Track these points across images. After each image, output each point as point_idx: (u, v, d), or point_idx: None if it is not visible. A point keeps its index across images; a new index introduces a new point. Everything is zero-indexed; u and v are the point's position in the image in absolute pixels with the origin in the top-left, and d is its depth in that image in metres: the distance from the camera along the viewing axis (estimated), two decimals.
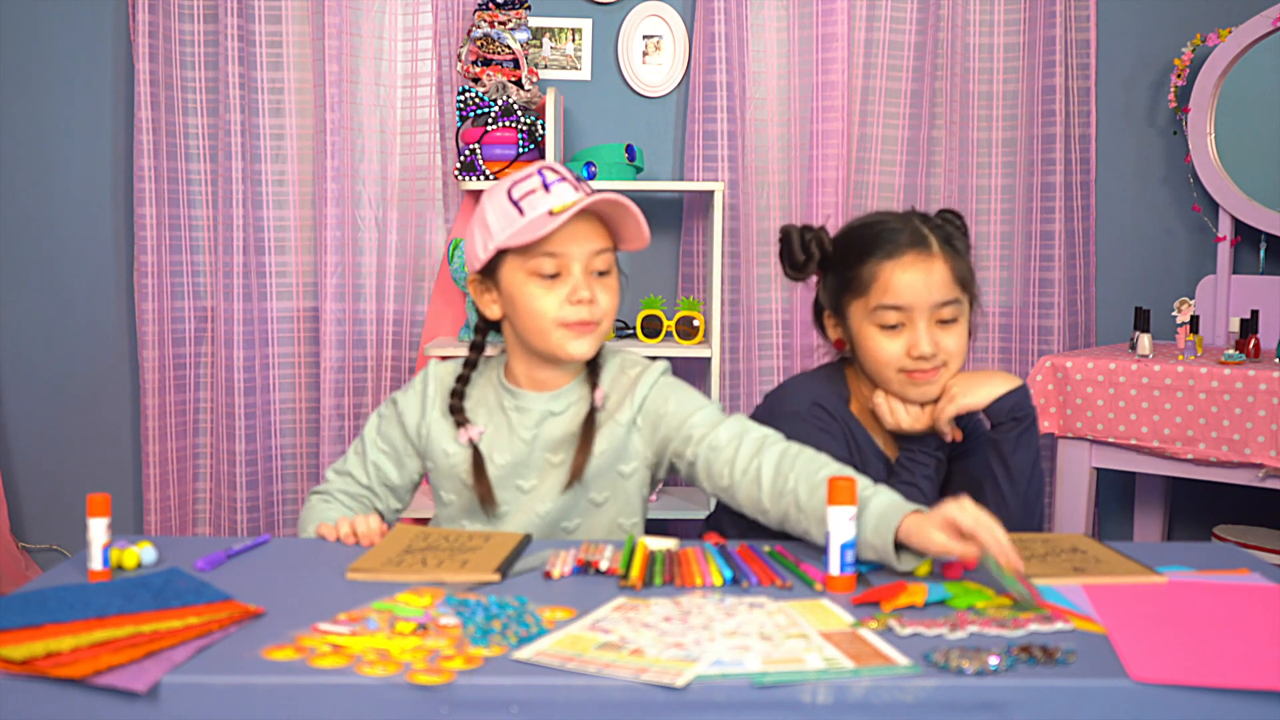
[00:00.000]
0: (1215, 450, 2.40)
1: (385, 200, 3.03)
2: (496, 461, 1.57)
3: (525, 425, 1.57)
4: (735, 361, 3.05)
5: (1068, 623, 1.12)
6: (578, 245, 1.49)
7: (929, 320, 1.59)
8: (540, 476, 1.57)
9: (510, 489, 1.58)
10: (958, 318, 1.61)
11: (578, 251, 1.49)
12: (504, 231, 1.48)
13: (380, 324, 3.04)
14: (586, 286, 1.49)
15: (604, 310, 1.52)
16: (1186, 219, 3.13)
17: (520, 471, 1.57)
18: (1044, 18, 2.99)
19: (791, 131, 3.06)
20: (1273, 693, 0.99)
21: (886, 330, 1.60)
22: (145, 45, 2.91)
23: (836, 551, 1.24)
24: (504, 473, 1.57)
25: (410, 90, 3.02)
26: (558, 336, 1.50)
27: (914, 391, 1.62)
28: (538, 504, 1.57)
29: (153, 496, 2.99)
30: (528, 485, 1.58)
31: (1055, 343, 3.02)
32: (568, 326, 1.50)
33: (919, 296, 1.58)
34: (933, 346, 1.58)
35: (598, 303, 1.51)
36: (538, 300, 1.49)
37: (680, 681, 0.98)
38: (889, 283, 1.59)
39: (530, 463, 1.57)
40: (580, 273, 1.50)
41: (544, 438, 1.57)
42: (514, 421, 1.58)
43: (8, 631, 1.06)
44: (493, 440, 1.58)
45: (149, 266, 2.96)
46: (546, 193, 1.48)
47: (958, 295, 1.60)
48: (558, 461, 1.57)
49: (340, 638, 1.07)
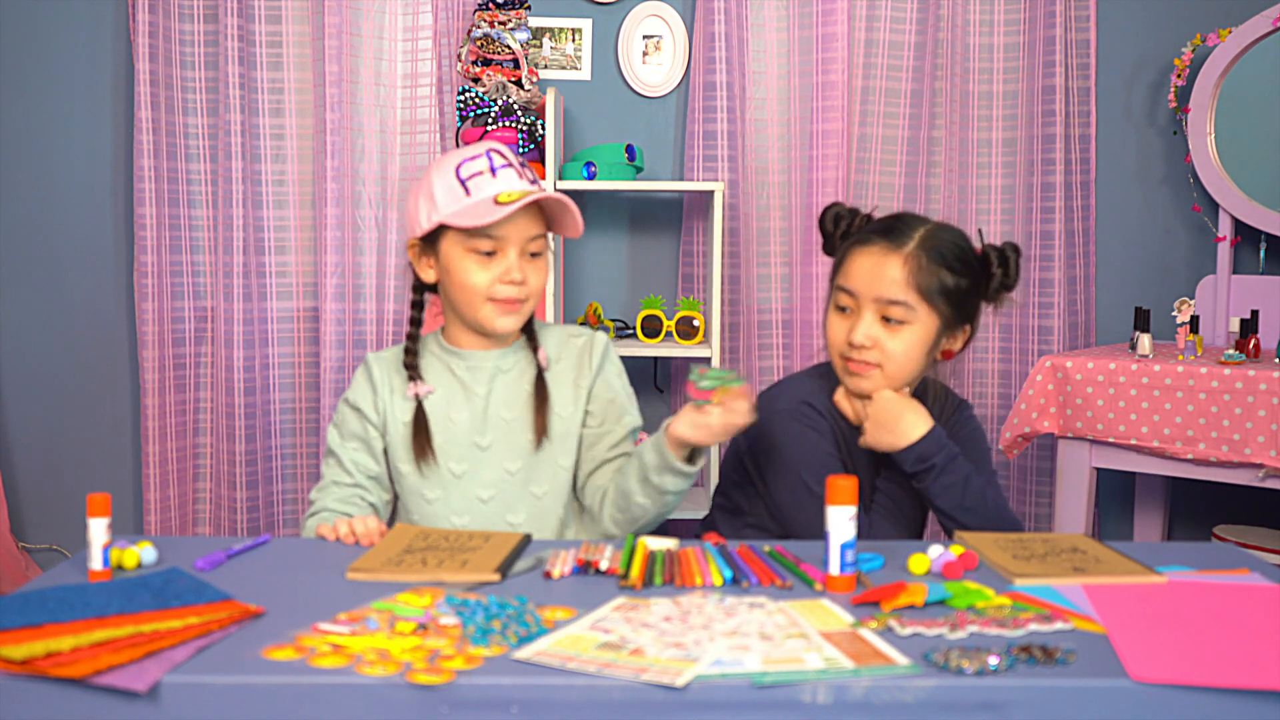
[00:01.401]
0: (1215, 450, 2.40)
1: (385, 200, 3.03)
2: (454, 419, 1.64)
3: (478, 383, 1.65)
4: (735, 361, 3.05)
5: (1067, 622, 1.12)
6: (516, 230, 1.58)
7: (874, 312, 1.60)
8: (496, 433, 1.64)
9: (469, 446, 1.64)
10: (906, 322, 1.60)
11: (515, 236, 1.58)
12: (449, 208, 1.57)
13: (380, 324, 3.04)
14: (519, 269, 1.59)
15: (532, 289, 1.62)
16: (1186, 219, 3.13)
17: (477, 428, 1.64)
18: (1044, 18, 2.99)
19: (791, 131, 3.06)
20: (1273, 693, 0.99)
21: (838, 312, 1.64)
22: (145, 45, 2.91)
23: (836, 551, 1.24)
24: (461, 430, 1.64)
25: (410, 90, 3.02)
26: (486, 311, 1.60)
27: (849, 381, 1.64)
28: (506, 461, 1.64)
29: (153, 496, 2.99)
30: (485, 442, 1.64)
31: (1055, 343, 3.02)
32: (496, 302, 1.60)
33: (865, 284, 1.60)
34: (866, 339, 1.59)
35: (528, 283, 1.61)
36: (471, 275, 1.59)
37: (680, 681, 0.98)
38: (848, 265, 1.63)
39: (486, 419, 1.64)
40: (515, 255, 1.59)
41: (497, 394, 1.65)
42: (466, 381, 1.66)
43: (8, 631, 1.06)
44: (448, 400, 1.65)
45: (149, 266, 2.96)
46: (493, 177, 1.57)
47: (908, 299, 1.58)
48: (511, 418, 1.65)
49: (340, 638, 1.07)
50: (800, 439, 1.64)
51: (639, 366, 3.13)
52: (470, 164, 1.59)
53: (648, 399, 3.16)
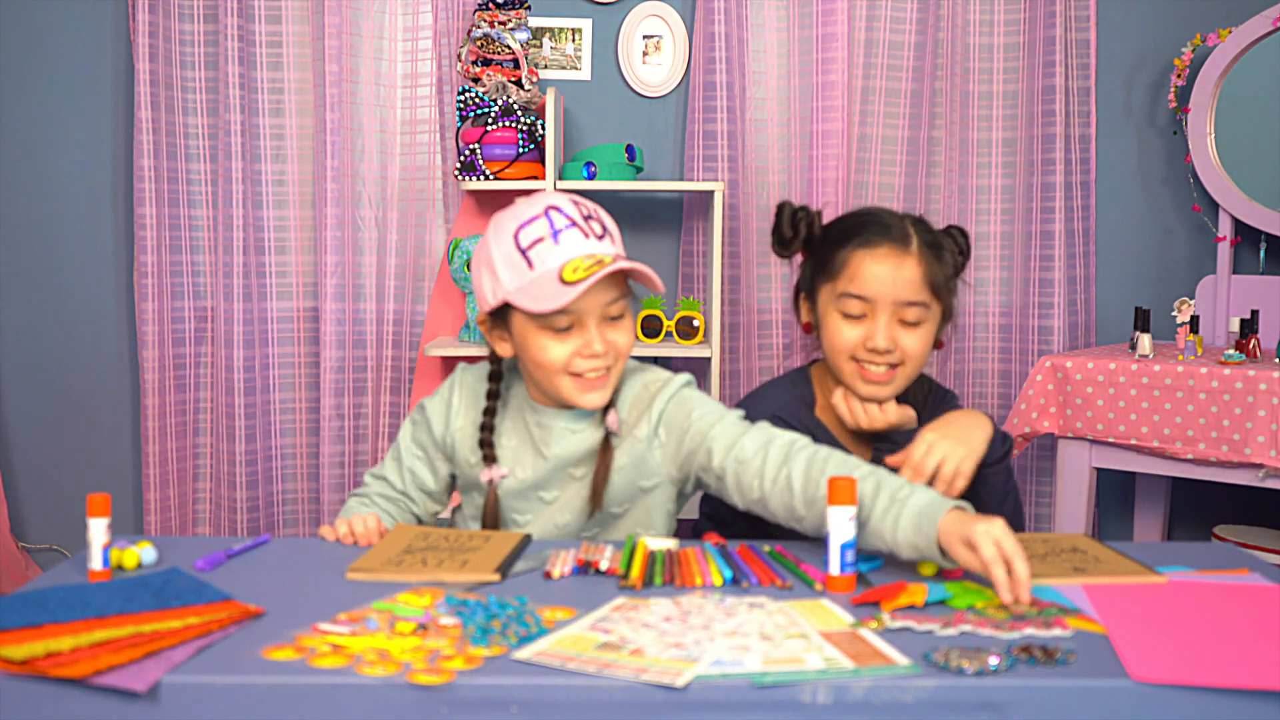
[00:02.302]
0: (1215, 450, 2.40)
1: (385, 200, 3.03)
2: (519, 476, 1.56)
3: (547, 442, 1.55)
4: (735, 361, 3.05)
5: (1067, 629, 1.12)
6: (591, 301, 1.44)
7: (891, 316, 1.59)
8: (561, 488, 1.56)
9: (533, 499, 1.57)
10: (922, 321, 1.60)
11: (591, 307, 1.45)
12: (513, 284, 1.44)
13: (380, 324, 3.04)
14: (600, 339, 1.45)
15: (618, 353, 1.49)
16: (1186, 219, 3.13)
17: (542, 484, 1.56)
18: (1044, 18, 2.99)
19: (791, 131, 3.06)
20: (1273, 693, 0.99)
21: (848, 318, 1.61)
22: (145, 45, 2.91)
23: (836, 551, 1.24)
24: (526, 486, 1.56)
25: (410, 90, 3.02)
26: (567, 387, 1.48)
27: (864, 388, 1.62)
28: (557, 515, 1.56)
29: (153, 496, 2.99)
30: (549, 497, 1.57)
31: (1055, 343, 3.02)
32: (577, 378, 1.47)
33: (884, 290, 1.58)
34: (889, 342, 1.58)
35: (612, 349, 1.47)
36: (547, 352, 1.45)
37: (680, 681, 0.98)
38: (857, 271, 1.60)
39: (552, 477, 1.56)
40: (594, 326, 1.46)
41: (565, 455, 1.54)
42: (537, 438, 1.56)
43: (8, 631, 1.06)
44: (517, 456, 1.56)
45: (149, 266, 2.96)
46: (556, 243, 1.42)
47: (926, 299, 1.59)
48: (579, 475, 1.55)
49: (340, 638, 1.07)
50: None
51: None
52: (529, 229, 1.43)
53: None
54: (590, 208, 1.48)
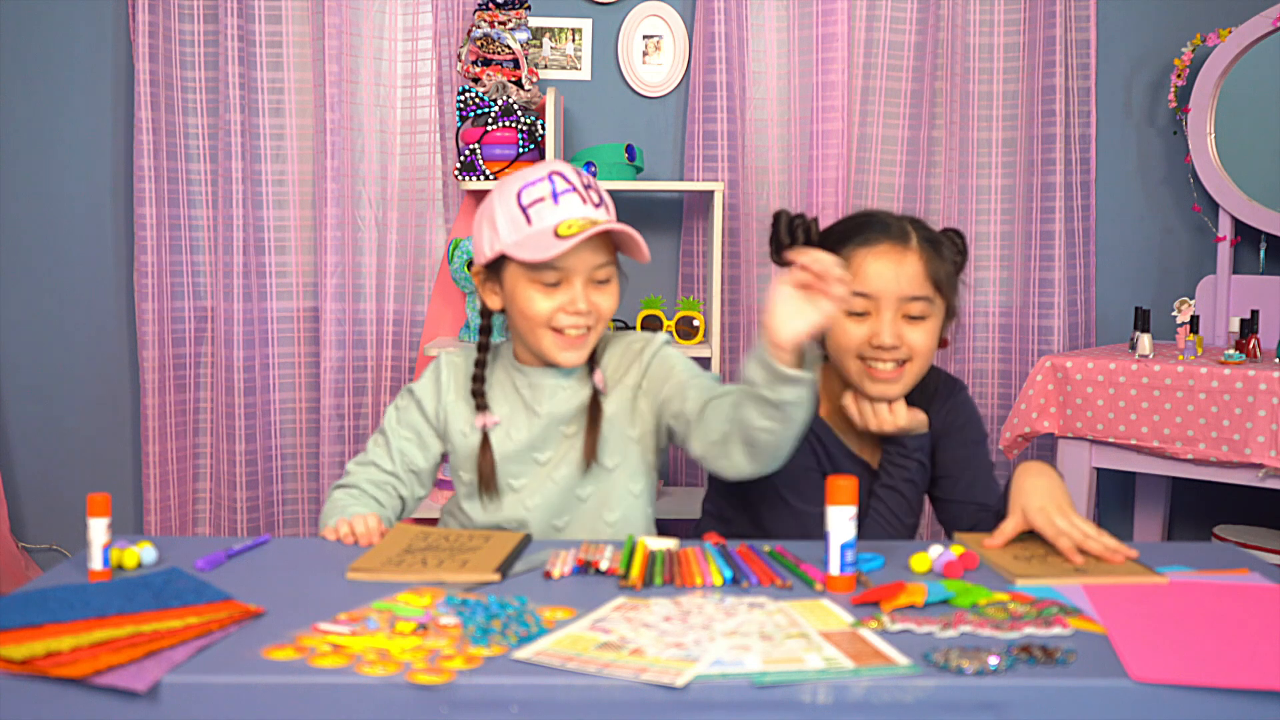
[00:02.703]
0: (1215, 450, 2.40)
1: (385, 200, 3.03)
2: (514, 438, 1.61)
3: (539, 401, 1.62)
4: (735, 361, 3.05)
5: (1067, 628, 1.12)
6: (580, 260, 1.52)
7: (895, 312, 1.59)
8: (555, 447, 1.62)
9: (528, 462, 1.62)
10: (927, 316, 1.60)
11: (579, 266, 1.53)
12: (510, 237, 1.52)
13: (380, 324, 3.04)
14: (585, 298, 1.53)
15: (601, 315, 1.56)
16: (1186, 219, 3.13)
17: (537, 445, 1.62)
18: (1044, 18, 2.99)
19: (791, 131, 3.06)
20: (1273, 693, 0.99)
21: (853, 317, 1.61)
22: (145, 45, 2.91)
23: (836, 551, 1.24)
24: (522, 448, 1.61)
25: (410, 90, 3.02)
26: (548, 341, 1.55)
27: (872, 387, 1.61)
28: (554, 471, 1.61)
29: (153, 496, 2.99)
30: (544, 458, 1.62)
31: (1055, 343, 3.02)
32: (559, 334, 1.55)
33: (887, 285, 1.59)
34: (895, 339, 1.58)
35: (595, 309, 1.55)
36: (534, 304, 1.54)
37: (680, 681, 0.98)
38: (859, 268, 1.60)
39: (546, 436, 1.61)
40: (580, 285, 1.53)
41: (556, 412, 1.61)
42: (528, 399, 1.62)
43: (8, 631, 1.06)
44: (510, 420, 1.62)
45: (149, 266, 2.96)
46: (555, 204, 1.51)
47: (929, 294, 1.60)
48: (571, 433, 1.61)
49: (340, 638, 1.07)
50: None
51: None
52: (532, 189, 1.52)
53: None
54: (591, 179, 1.58)
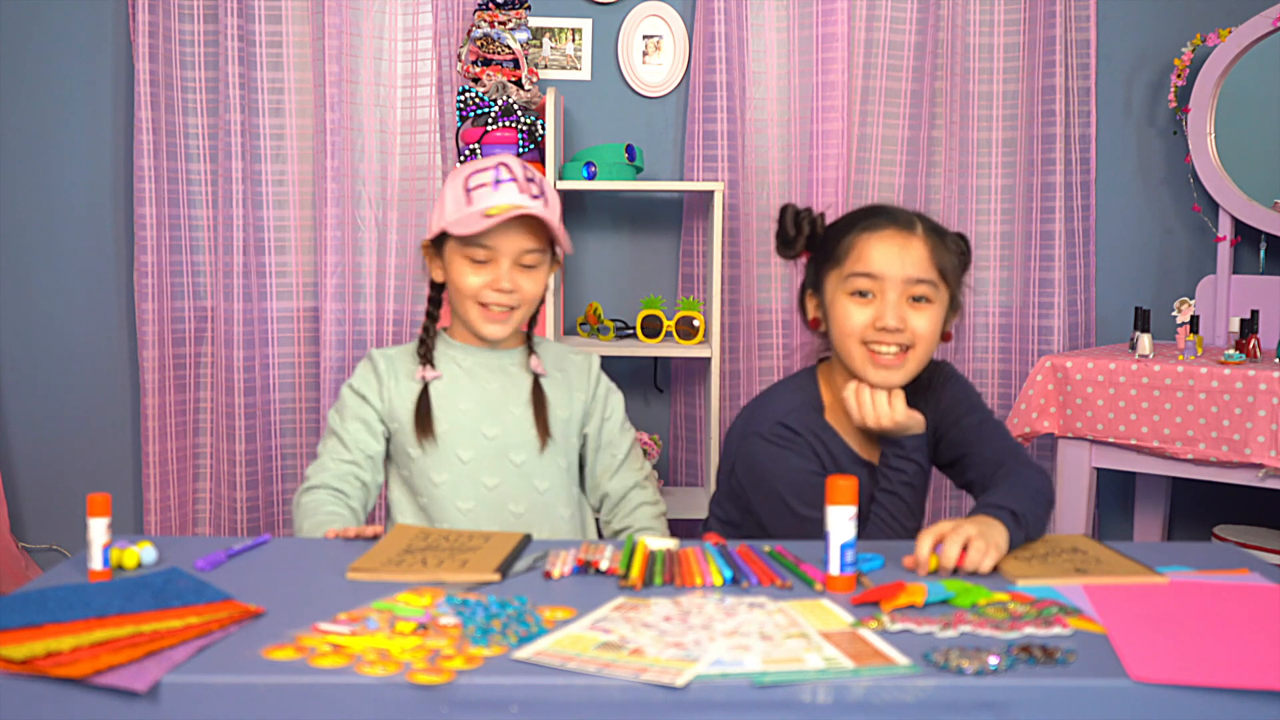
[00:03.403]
0: (1215, 450, 2.40)
1: (385, 200, 3.03)
2: (462, 408, 1.72)
3: (484, 376, 1.75)
4: (735, 361, 3.05)
5: (1067, 628, 1.12)
6: (507, 242, 1.68)
7: (900, 295, 1.60)
8: (504, 426, 1.72)
9: (476, 434, 1.71)
10: (931, 301, 1.61)
11: (506, 248, 1.68)
12: (452, 215, 1.68)
13: (380, 324, 3.04)
14: (509, 278, 1.68)
15: (524, 297, 1.71)
16: (1186, 219, 3.13)
17: (485, 418, 1.72)
18: (1044, 18, 2.99)
19: (791, 131, 3.06)
20: (1273, 693, 0.99)
21: (856, 298, 1.61)
22: (145, 45, 2.91)
23: (836, 551, 1.24)
24: (469, 418, 1.72)
25: (410, 90, 3.02)
26: (474, 313, 1.71)
27: (874, 374, 1.61)
28: (512, 453, 1.72)
29: (153, 496, 2.99)
30: (492, 433, 1.71)
31: (1055, 343, 3.02)
32: (484, 308, 1.69)
33: (891, 267, 1.59)
34: (899, 321, 1.59)
35: (518, 291, 1.70)
36: (465, 277, 1.69)
37: (680, 681, 0.98)
38: (864, 251, 1.61)
39: (494, 410, 1.73)
40: (507, 266, 1.68)
41: (504, 388, 1.74)
42: (472, 371, 1.75)
43: (8, 631, 1.06)
44: (456, 387, 1.74)
45: (149, 266, 2.96)
46: (494, 190, 1.66)
47: (933, 278, 1.60)
48: (518, 414, 1.73)
49: (340, 638, 1.07)
50: (779, 460, 1.64)
51: (639, 366, 3.13)
52: (479, 175, 1.68)
53: (648, 399, 3.16)
54: (536, 175, 1.72)
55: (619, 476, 1.84)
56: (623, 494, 1.84)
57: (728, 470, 1.74)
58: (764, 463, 1.65)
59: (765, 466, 1.64)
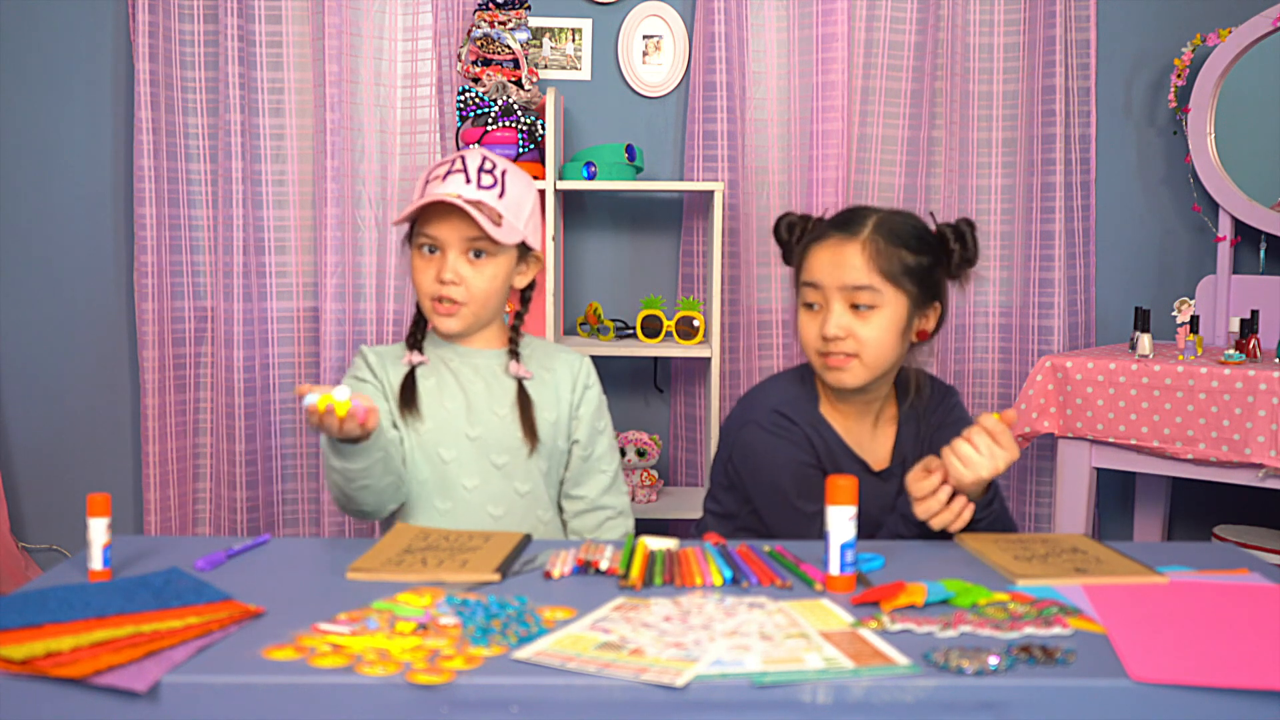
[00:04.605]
0: (1215, 450, 2.40)
1: (385, 200, 3.03)
2: (446, 406, 1.71)
3: (468, 376, 1.73)
4: (735, 361, 3.05)
5: (1067, 628, 1.12)
6: (450, 231, 1.65)
7: (842, 303, 1.61)
8: (486, 427, 1.71)
9: (459, 435, 1.70)
10: (875, 306, 1.60)
11: (450, 237, 1.66)
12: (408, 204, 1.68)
13: (380, 324, 3.04)
14: (452, 269, 1.66)
15: (473, 292, 1.68)
16: (1186, 219, 3.13)
17: (468, 419, 1.70)
18: (1044, 18, 2.99)
19: (791, 131, 3.06)
20: (1273, 693, 0.99)
21: (806, 309, 1.65)
22: (145, 45, 2.91)
23: (836, 551, 1.24)
24: (452, 418, 1.70)
25: (410, 90, 3.02)
26: (428, 307, 1.70)
27: (829, 375, 1.64)
28: (493, 454, 1.71)
29: (153, 496, 2.98)
30: (474, 434, 1.70)
31: (1055, 343, 3.02)
32: (436, 302, 1.68)
33: (826, 276, 1.61)
34: (839, 329, 1.59)
35: (465, 283, 1.67)
36: (419, 274, 1.69)
37: (680, 681, 0.98)
38: (809, 261, 1.64)
39: (477, 411, 1.71)
40: (453, 256, 1.66)
41: (488, 390, 1.72)
42: (456, 370, 1.73)
43: (8, 631, 1.06)
44: (440, 386, 1.72)
45: (149, 266, 2.96)
46: (443, 181, 1.65)
47: (871, 283, 1.59)
48: (502, 415, 1.71)
49: (340, 638, 1.07)
50: (774, 450, 1.65)
51: (639, 366, 3.13)
52: (438, 168, 1.68)
53: (648, 399, 3.16)
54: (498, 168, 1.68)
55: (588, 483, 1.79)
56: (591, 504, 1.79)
57: (724, 459, 1.74)
58: (761, 452, 1.65)
59: (762, 456, 1.65)
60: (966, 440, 1.46)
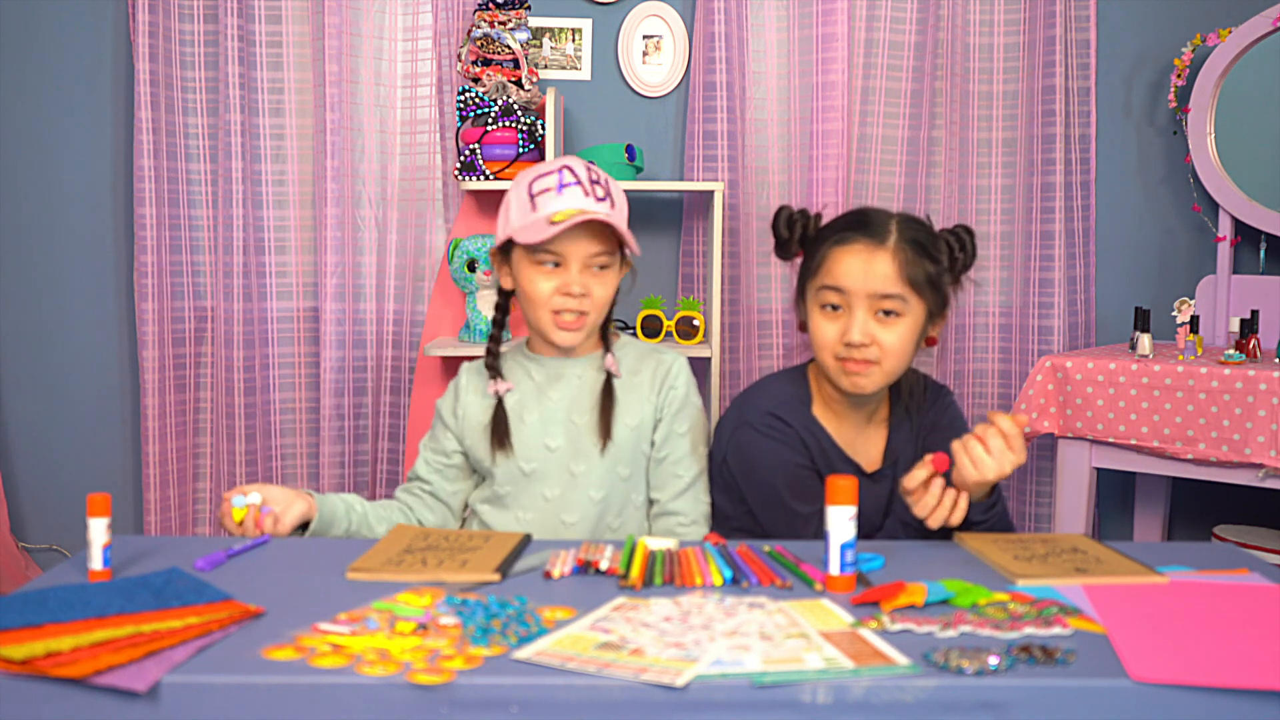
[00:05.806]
0: (1215, 450, 2.40)
1: (385, 200, 3.03)
2: (525, 420, 1.71)
3: (551, 387, 1.72)
4: (735, 361, 3.05)
5: (1067, 628, 1.12)
6: (575, 247, 1.64)
7: (868, 309, 1.59)
8: (565, 436, 1.70)
9: (538, 447, 1.69)
10: (901, 315, 1.60)
11: (574, 253, 1.64)
12: (517, 222, 1.64)
13: (380, 324, 3.04)
14: (579, 282, 1.64)
15: (595, 301, 1.67)
16: (1186, 219, 3.13)
17: (549, 430, 1.70)
18: (1044, 18, 2.99)
19: (791, 131, 3.06)
20: (1273, 693, 0.99)
21: (826, 312, 1.62)
22: (145, 45, 2.91)
23: (836, 551, 1.24)
24: (531, 431, 1.70)
25: (410, 90, 3.02)
26: (547, 321, 1.67)
27: (845, 381, 1.62)
28: (572, 463, 1.69)
29: (153, 496, 2.98)
30: (554, 444, 1.69)
31: (1055, 343, 3.02)
32: (556, 315, 1.66)
33: (856, 282, 1.59)
34: (864, 336, 1.58)
35: (589, 295, 1.66)
36: (535, 284, 1.66)
37: (680, 681, 0.98)
38: (833, 264, 1.61)
39: (557, 422, 1.70)
40: (577, 270, 1.65)
41: (568, 397, 1.71)
42: (540, 384, 1.73)
43: (8, 631, 1.06)
44: (522, 403, 1.72)
45: (149, 266, 2.96)
46: (559, 194, 1.62)
47: (901, 292, 1.59)
48: (581, 423, 1.70)
49: (340, 638, 1.07)
50: (768, 452, 1.65)
51: None
52: (542, 180, 1.64)
53: None
54: (602, 176, 1.68)
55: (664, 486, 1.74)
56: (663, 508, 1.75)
57: (719, 462, 1.74)
58: (756, 455, 1.65)
59: (757, 459, 1.65)
60: (980, 440, 1.46)
